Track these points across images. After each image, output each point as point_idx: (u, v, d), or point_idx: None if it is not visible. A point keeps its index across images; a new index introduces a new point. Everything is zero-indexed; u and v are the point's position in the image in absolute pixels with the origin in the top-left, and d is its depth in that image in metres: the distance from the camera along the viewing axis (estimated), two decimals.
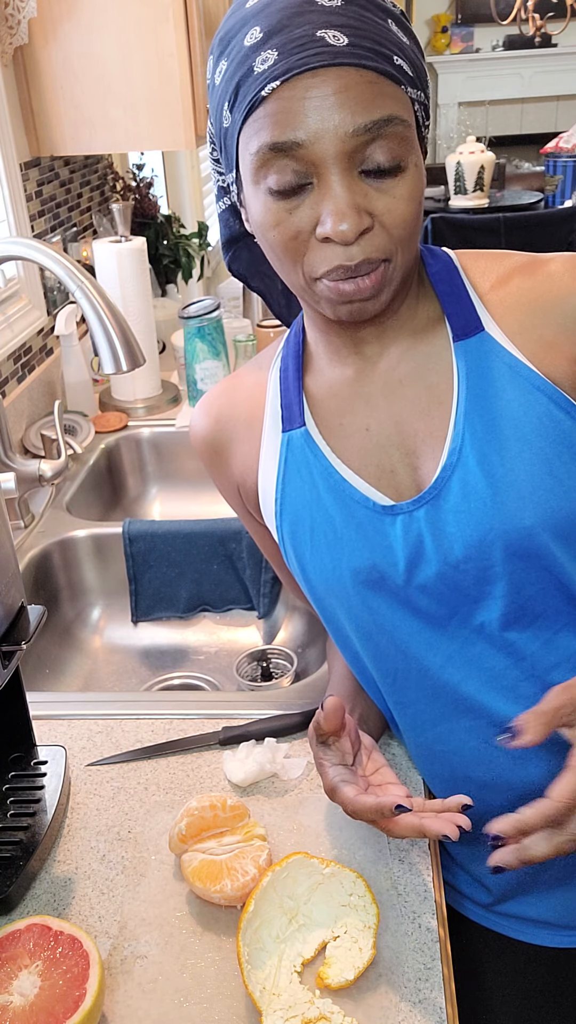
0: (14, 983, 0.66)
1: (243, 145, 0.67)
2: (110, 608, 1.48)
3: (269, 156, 0.64)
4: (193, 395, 1.81)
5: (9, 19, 1.56)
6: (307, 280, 0.70)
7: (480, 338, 0.74)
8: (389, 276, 0.69)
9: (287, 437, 0.81)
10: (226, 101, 0.68)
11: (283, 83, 0.63)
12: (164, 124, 1.68)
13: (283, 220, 0.67)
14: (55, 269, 1.02)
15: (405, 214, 0.66)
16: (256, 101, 0.64)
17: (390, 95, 0.64)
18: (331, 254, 0.66)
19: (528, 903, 0.88)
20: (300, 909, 0.74)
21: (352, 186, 0.64)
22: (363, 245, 0.66)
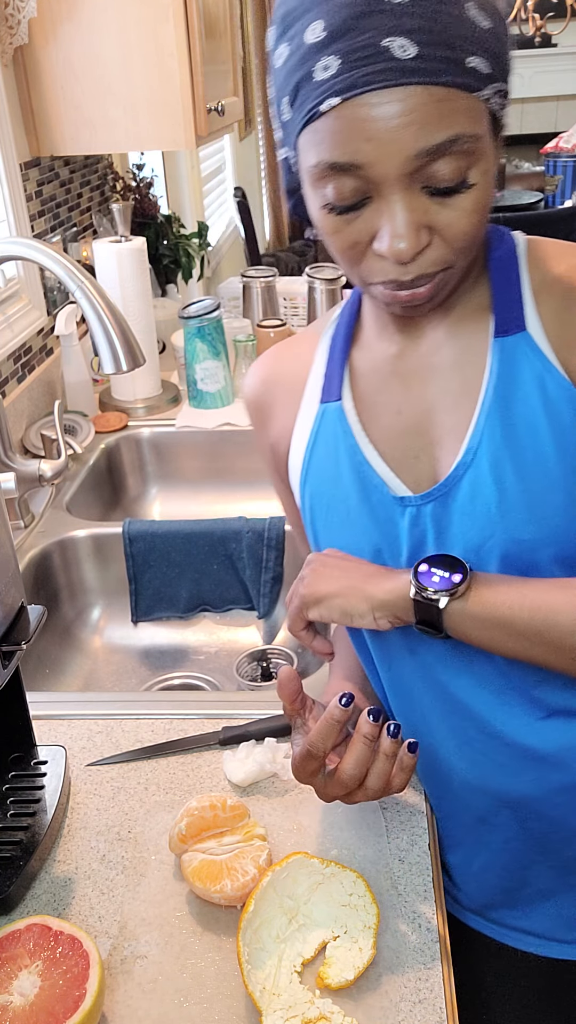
0: (14, 983, 0.66)
1: (303, 148, 0.65)
2: (110, 608, 1.48)
3: (327, 173, 0.63)
4: (193, 395, 1.81)
5: (9, 19, 1.56)
6: (362, 282, 0.70)
7: (520, 338, 0.72)
8: (446, 281, 0.68)
9: (323, 408, 0.81)
10: (285, 95, 0.65)
11: (344, 101, 0.60)
12: (164, 124, 1.68)
13: (340, 229, 0.66)
14: (55, 269, 1.02)
15: (466, 228, 0.64)
16: (315, 114, 0.62)
17: (460, 110, 0.60)
18: (387, 267, 0.66)
19: (514, 916, 0.89)
20: (300, 909, 0.74)
21: (412, 204, 0.63)
22: (420, 262, 0.65)
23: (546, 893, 0.85)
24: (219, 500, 1.76)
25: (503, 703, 0.78)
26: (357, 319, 0.83)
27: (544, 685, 0.76)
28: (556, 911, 0.86)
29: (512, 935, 0.90)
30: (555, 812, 0.80)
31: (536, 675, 0.76)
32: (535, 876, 0.84)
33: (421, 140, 0.60)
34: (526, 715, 0.77)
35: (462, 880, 0.90)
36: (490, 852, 0.85)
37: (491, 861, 0.86)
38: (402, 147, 0.60)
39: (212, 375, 1.78)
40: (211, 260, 3.13)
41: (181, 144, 1.70)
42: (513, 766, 0.79)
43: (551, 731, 0.77)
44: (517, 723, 0.78)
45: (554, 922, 0.87)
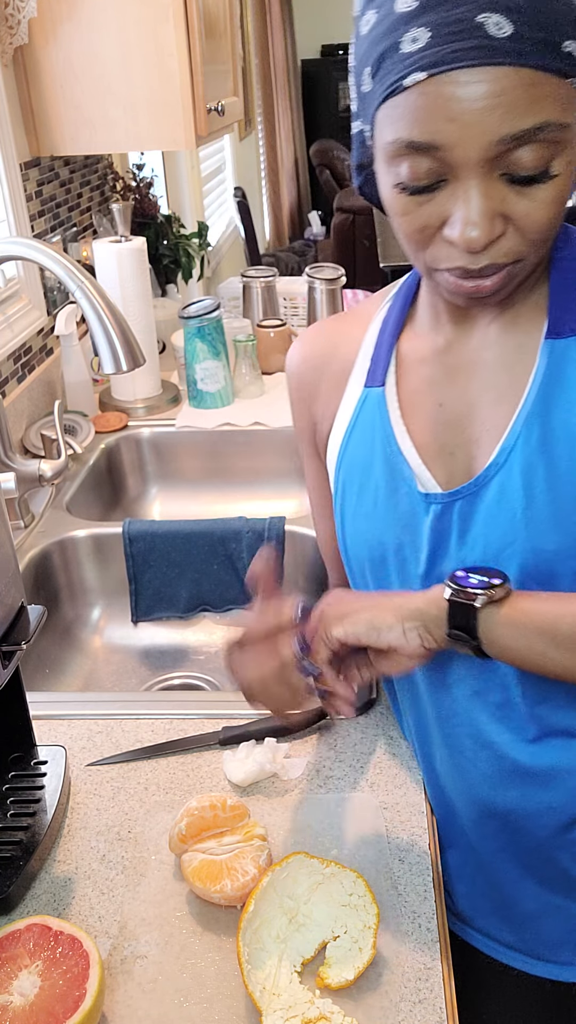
0: (14, 983, 0.66)
1: (380, 123, 0.62)
2: (110, 608, 1.48)
3: (405, 151, 0.60)
4: (193, 395, 1.81)
5: (9, 19, 1.56)
6: (427, 268, 0.67)
7: (573, 341, 0.70)
8: (515, 274, 0.65)
9: (366, 393, 0.80)
10: (367, 66, 0.62)
11: (430, 76, 0.57)
12: (164, 124, 1.68)
13: (411, 211, 0.63)
14: (55, 269, 1.02)
15: (543, 220, 0.61)
16: (397, 88, 0.59)
17: (549, 96, 0.57)
18: (455, 254, 0.63)
19: (503, 931, 0.88)
20: (300, 909, 0.74)
21: (489, 192, 0.60)
22: (491, 252, 0.62)
23: (534, 914, 0.85)
24: (219, 500, 1.76)
25: (500, 717, 0.77)
26: (411, 305, 0.81)
27: (547, 704, 0.76)
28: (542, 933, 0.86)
29: (497, 948, 0.89)
30: (541, 832, 0.80)
31: (541, 693, 0.75)
32: (522, 894, 0.84)
33: (507, 125, 0.57)
34: (521, 731, 0.77)
35: (458, 880, 0.90)
36: (481, 858, 0.85)
37: (483, 867, 0.86)
38: (486, 131, 0.57)
39: (212, 375, 1.78)
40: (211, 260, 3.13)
41: (181, 144, 1.70)
42: (500, 779, 0.79)
43: (544, 750, 0.77)
44: (510, 737, 0.77)
45: (538, 941, 0.86)
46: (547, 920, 0.84)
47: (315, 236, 6.13)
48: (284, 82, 5.95)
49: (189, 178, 3.23)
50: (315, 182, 6.78)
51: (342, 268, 2.06)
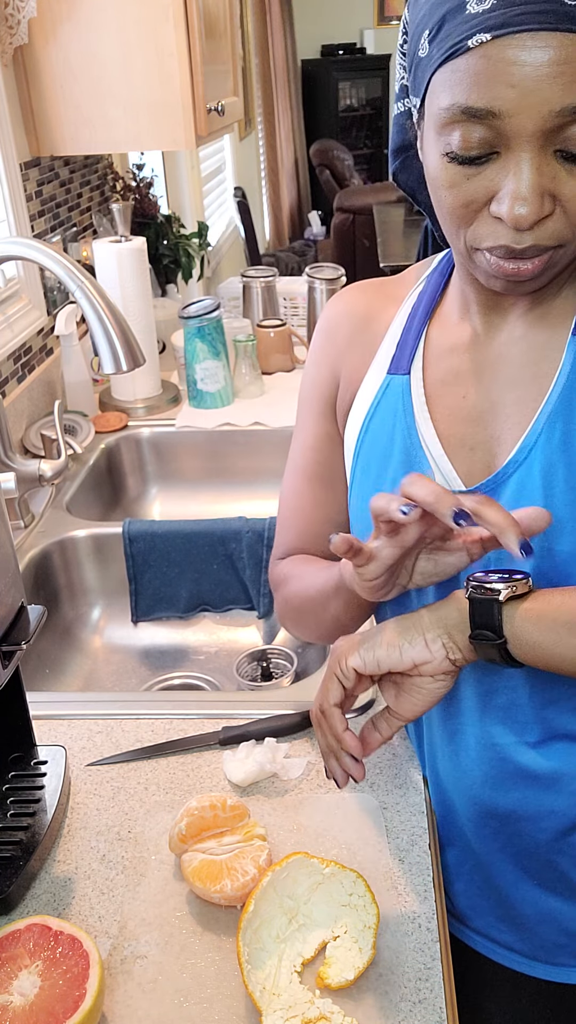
0: (14, 983, 0.66)
1: (434, 90, 0.61)
2: (110, 608, 1.48)
3: (459, 118, 0.58)
4: (193, 395, 1.81)
5: (9, 19, 1.56)
6: (467, 248, 0.65)
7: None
8: (556, 260, 0.63)
9: (389, 379, 0.78)
10: (427, 29, 0.60)
11: (495, 38, 0.55)
12: (164, 124, 1.68)
13: (458, 183, 0.61)
14: (55, 269, 1.02)
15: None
16: (459, 49, 0.57)
17: None
18: (500, 232, 0.61)
19: (500, 931, 0.88)
20: (300, 909, 0.74)
21: (542, 167, 0.58)
22: (537, 232, 0.60)
23: (533, 917, 0.85)
24: (219, 500, 1.76)
25: (505, 718, 0.77)
26: (442, 293, 0.79)
27: (554, 707, 0.75)
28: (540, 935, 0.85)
29: (496, 949, 0.89)
30: (541, 836, 0.80)
31: (549, 696, 0.75)
32: (521, 896, 0.84)
33: (569, 95, 0.55)
34: (526, 733, 0.77)
35: (456, 879, 0.90)
36: (480, 858, 0.85)
37: (481, 867, 0.86)
38: (547, 99, 0.55)
39: (212, 375, 1.78)
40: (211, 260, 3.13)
41: (181, 144, 1.70)
42: (502, 781, 0.79)
43: (548, 754, 0.77)
44: (515, 739, 0.77)
45: (535, 944, 0.86)
46: (546, 922, 0.84)
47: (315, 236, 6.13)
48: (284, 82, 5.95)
49: (189, 178, 3.23)
50: (315, 182, 6.78)
51: (342, 268, 2.06)
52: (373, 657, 0.67)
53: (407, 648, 0.66)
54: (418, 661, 0.66)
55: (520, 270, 0.63)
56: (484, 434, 0.74)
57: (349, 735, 0.70)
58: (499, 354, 0.74)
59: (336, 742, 0.71)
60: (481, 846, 0.84)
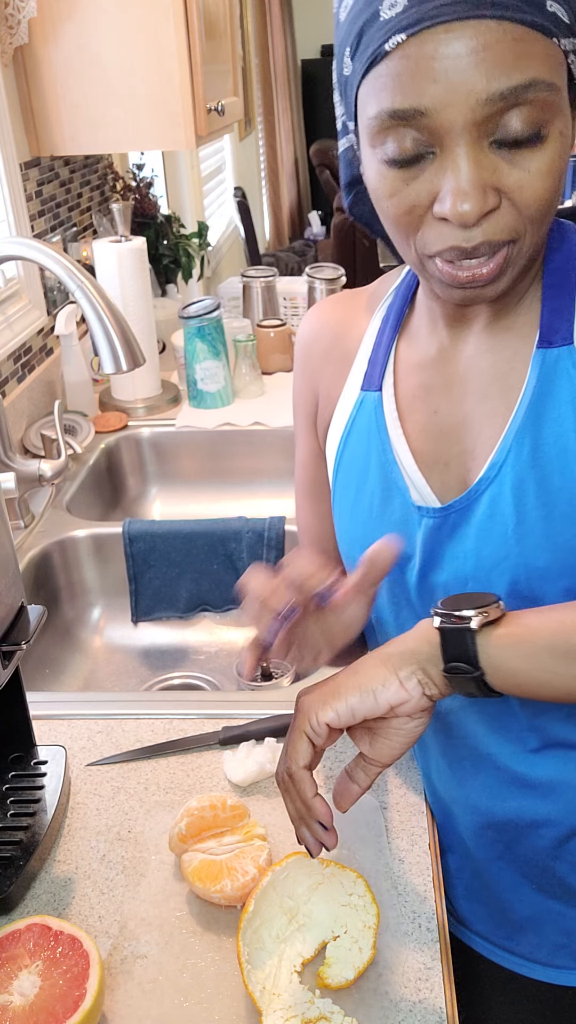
0: (14, 983, 0.66)
1: (362, 103, 0.60)
2: (110, 608, 1.48)
3: (388, 123, 0.57)
4: (193, 395, 1.81)
5: (9, 19, 1.56)
6: (420, 256, 0.63)
7: (565, 352, 0.67)
8: (512, 259, 0.61)
9: (363, 396, 0.78)
10: (347, 46, 0.60)
11: (410, 37, 0.54)
12: (164, 124, 1.68)
13: (399, 191, 0.60)
14: (55, 269, 1.02)
15: (539, 191, 0.58)
16: (378, 55, 0.56)
17: (537, 54, 0.54)
18: (447, 233, 0.59)
19: (501, 935, 0.88)
20: (300, 909, 0.74)
21: (480, 160, 0.56)
22: (485, 227, 0.58)
23: (532, 919, 0.84)
24: (219, 500, 1.76)
25: (498, 728, 0.77)
26: (409, 307, 0.78)
27: (547, 715, 0.75)
28: (538, 937, 0.85)
29: (495, 951, 0.89)
30: (539, 843, 0.79)
31: (539, 704, 0.74)
32: (520, 900, 0.84)
33: (494, 82, 0.53)
34: (521, 742, 0.76)
35: (456, 883, 0.90)
36: (479, 864, 0.85)
37: (480, 872, 0.85)
38: (472, 89, 0.54)
39: (212, 375, 1.78)
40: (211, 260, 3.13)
41: (181, 144, 1.70)
42: (499, 790, 0.79)
43: (543, 762, 0.76)
44: (510, 749, 0.77)
45: (535, 947, 0.86)
46: (545, 925, 0.84)
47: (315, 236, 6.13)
48: (284, 82, 5.94)
49: (189, 178, 3.23)
50: (315, 182, 6.78)
51: (342, 268, 2.06)
52: (347, 707, 0.62)
53: (381, 691, 0.61)
54: (394, 703, 0.61)
55: (475, 275, 0.61)
56: (457, 448, 0.73)
57: (319, 801, 0.64)
58: (467, 368, 0.73)
59: (305, 809, 0.64)
60: (480, 853, 0.83)
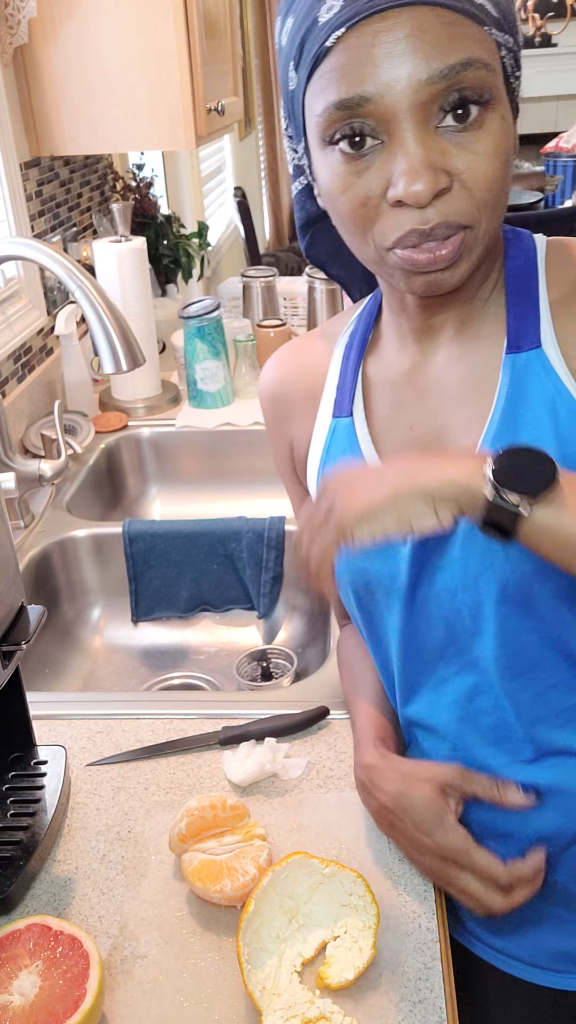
0: (14, 983, 0.66)
1: (309, 107, 0.61)
2: (110, 608, 1.48)
3: (336, 116, 0.59)
4: (193, 395, 1.81)
5: (9, 19, 1.56)
6: (378, 251, 0.63)
7: (534, 355, 0.68)
8: (469, 245, 0.62)
9: (335, 424, 0.78)
10: (291, 61, 0.62)
11: (349, 29, 0.56)
12: (164, 124, 1.68)
13: (351, 184, 0.61)
14: (55, 269, 1.02)
15: (489, 172, 0.59)
16: (321, 53, 0.58)
17: (471, 36, 0.57)
18: (404, 218, 0.60)
19: (503, 939, 0.87)
20: (300, 909, 0.74)
21: (427, 142, 0.57)
22: (439, 207, 0.59)
23: (533, 921, 0.84)
24: (219, 500, 1.76)
25: (494, 740, 0.77)
26: (374, 328, 0.79)
27: (543, 724, 0.75)
28: (542, 941, 0.85)
29: (496, 956, 0.89)
30: None
31: (536, 713, 0.75)
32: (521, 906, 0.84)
33: (433, 62, 0.56)
34: (517, 752, 0.76)
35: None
36: None
37: None
38: (412, 72, 0.56)
39: (212, 375, 1.78)
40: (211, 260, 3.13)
41: (181, 144, 1.70)
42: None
43: (541, 771, 0.76)
44: (507, 760, 0.77)
45: (539, 952, 0.86)
46: (545, 929, 0.84)
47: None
48: None
49: (189, 178, 3.23)
50: None
51: None
52: (382, 531, 0.60)
53: (417, 520, 0.59)
54: (427, 531, 0.60)
55: (435, 256, 0.61)
56: None
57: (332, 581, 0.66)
58: (439, 380, 0.73)
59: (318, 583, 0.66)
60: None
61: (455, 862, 0.72)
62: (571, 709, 0.74)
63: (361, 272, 0.83)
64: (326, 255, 0.81)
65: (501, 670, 0.74)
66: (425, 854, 0.74)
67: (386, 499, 0.60)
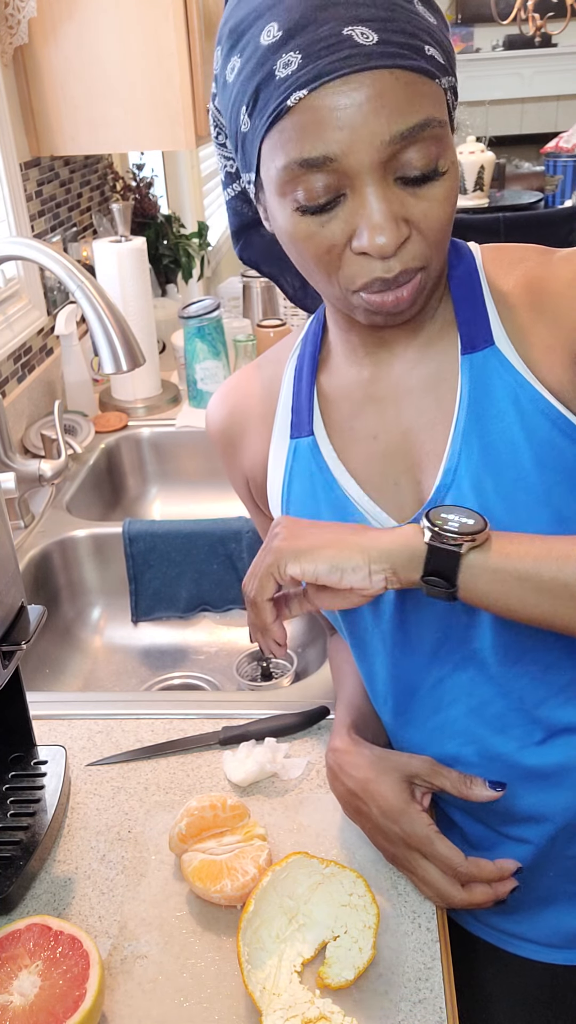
0: (14, 983, 0.66)
1: (267, 156, 0.63)
2: (110, 608, 1.48)
3: (298, 172, 0.61)
4: (193, 395, 1.81)
5: (9, 19, 1.56)
6: (344, 292, 0.66)
7: (489, 353, 0.71)
8: (424, 283, 0.66)
9: (294, 444, 0.79)
10: (243, 105, 0.63)
11: (311, 92, 0.58)
12: (164, 124, 1.68)
13: (314, 233, 0.63)
14: (55, 269, 1.02)
15: (441, 217, 0.63)
16: (281, 111, 0.60)
17: (426, 94, 0.60)
18: (368, 267, 0.63)
19: (513, 921, 0.88)
20: (300, 909, 0.74)
21: (388, 196, 0.61)
22: (401, 256, 0.63)
23: (547, 900, 0.85)
24: (219, 500, 1.76)
25: (502, 727, 0.77)
26: (322, 345, 0.81)
27: (548, 704, 0.75)
28: (555, 919, 0.85)
29: (511, 941, 0.89)
30: (560, 832, 0.79)
31: (539, 694, 0.75)
32: (536, 882, 0.84)
33: (395, 124, 0.59)
34: (527, 736, 0.77)
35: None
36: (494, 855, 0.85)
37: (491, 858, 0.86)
38: (375, 132, 0.59)
39: (212, 375, 1.78)
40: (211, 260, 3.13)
41: (181, 144, 1.70)
42: (512, 788, 0.78)
43: (553, 750, 0.77)
44: (517, 745, 0.77)
45: (553, 930, 0.86)
46: (557, 907, 0.84)
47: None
48: None
49: (189, 178, 3.23)
50: None
51: None
52: (313, 571, 0.66)
53: (349, 574, 0.65)
54: (357, 587, 0.65)
55: (399, 299, 0.65)
56: (404, 465, 0.75)
57: (277, 626, 0.71)
58: (397, 388, 0.75)
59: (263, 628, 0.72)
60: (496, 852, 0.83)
61: (418, 850, 0.73)
62: (570, 686, 0.75)
63: (294, 271, 0.85)
64: (259, 256, 0.84)
65: (500, 658, 0.74)
66: (390, 841, 0.75)
67: (325, 544, 0.66)
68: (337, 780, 0.80)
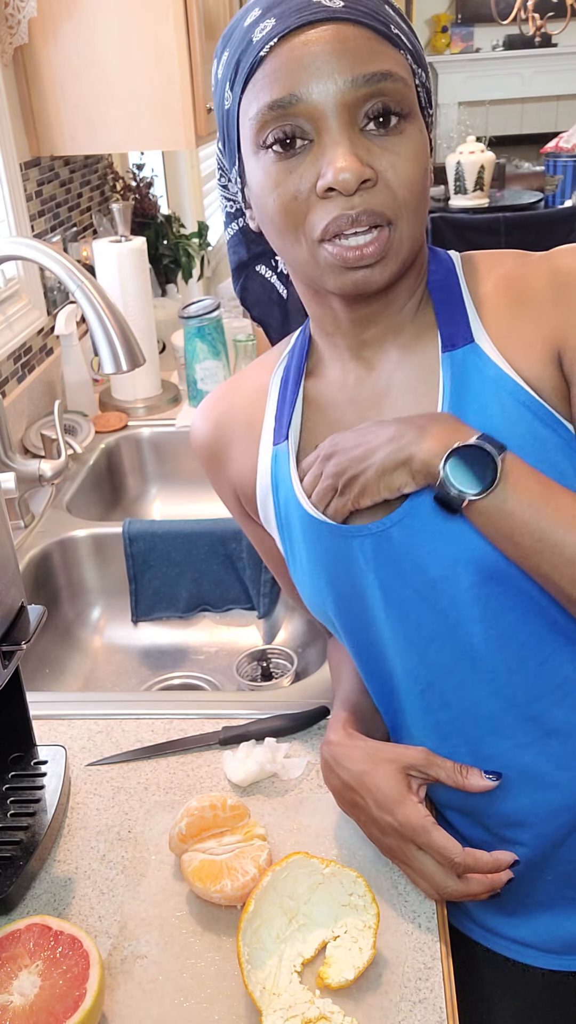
0: (14, 983, 0.66)
1: (243, 114, 0.67)
2: (110, 608, 1.48)
3: (268, 116, 0.64)
4: (193, 395, 1.81)
5: (9, 19, 1.56)
6: (310, 248, 0.67)
7: (469, 350, 0.72)
8: (394, 243, 0.67)
9: (275, 451, 0.81)
10: (227, 83, 0.68)
11: (280, 39, 0.63)
12: (164, 124, 1.68)
13: (283, 180, 0.66)
14: (55, 269, 1.02)
15: (409, 173, 0.65)
16: (255, 63, 0.64)
17: (389, 55, 0.64)
18: (331, 207, 0.65)
19: (511, 925, 0.87)
20: (300, 909, 0.74)
21: (352, 137, 0.63)
22: (365, 196, 0.64)
23: (545, 904, 0.84)
24: (219, 500, 1.76)
25: (495, 727, 0.77)
26: (310, 354, 0.82)
27: (539, 703, 0.75)
28: (555, 925, 0.85)
29: (509, 946, 0.89)
30: (556, 834, 0.79)
31: (531, 692, 0.75)
32: (535, 887, 0.84)
33: (356, 68, 0.62)
34: (521, 735, 0.77)
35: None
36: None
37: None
38: (339, 71, 0.62)
39: (212, 375, 1.78)
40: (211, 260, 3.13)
41: (181, 144, 1.70)
42: (508, 789, 0.78)
43: (547, 749, 0.76)
44: (511, 744, 0.77)
45: (551, 935, 0.86)
46: (557, 911, 0.84)
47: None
48: None
49: (189, 178, 3.23)
50: None
51: None
52: None
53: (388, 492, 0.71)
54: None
55: (363, 253, 0.65)
56: None
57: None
58: (379, 389, 0.77)
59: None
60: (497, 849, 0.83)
61: (413, 841, 0.73)
62: (565, 683, 0.75)
63: (280, 319, 0.89)
64: (252, 299, 0.89)
65: (493, 656, 0.74)
66: (385, 833, 0.75)
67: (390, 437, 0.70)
68: (332, 773, 0.80)
